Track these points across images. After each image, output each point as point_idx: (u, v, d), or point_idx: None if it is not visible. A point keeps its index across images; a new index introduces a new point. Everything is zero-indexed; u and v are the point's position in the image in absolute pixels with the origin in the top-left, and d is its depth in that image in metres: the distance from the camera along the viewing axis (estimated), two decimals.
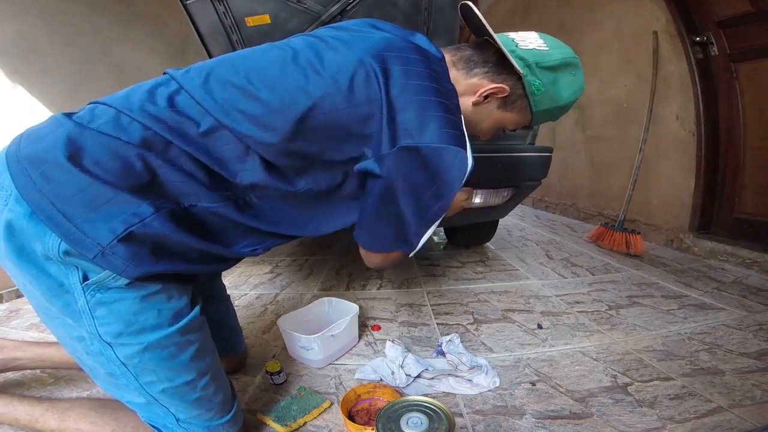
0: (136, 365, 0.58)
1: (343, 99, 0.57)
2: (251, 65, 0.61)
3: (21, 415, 0.72)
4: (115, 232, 0.51)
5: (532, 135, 1.42)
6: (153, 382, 0.60)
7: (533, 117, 0.73)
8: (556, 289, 1.52)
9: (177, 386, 0.61)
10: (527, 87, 0.67)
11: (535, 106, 0.70)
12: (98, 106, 0.58)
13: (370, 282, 1.65)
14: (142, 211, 0.52)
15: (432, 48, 0.68)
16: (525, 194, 1.49)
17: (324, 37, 0.65)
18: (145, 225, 0.52)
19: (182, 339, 0.60)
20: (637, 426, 0.76)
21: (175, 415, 0.64)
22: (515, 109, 0.72)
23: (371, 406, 0.82)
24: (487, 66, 0.68)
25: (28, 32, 1.78)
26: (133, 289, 0.56)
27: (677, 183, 2.11)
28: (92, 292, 0.54)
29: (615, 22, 2.41)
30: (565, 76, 0.69)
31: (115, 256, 0.52)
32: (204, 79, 0.59)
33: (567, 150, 3.02)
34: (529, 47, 0.67)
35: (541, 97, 0.69)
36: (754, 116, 1.79)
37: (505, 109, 0.72)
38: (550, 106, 0.71)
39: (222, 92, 0.58)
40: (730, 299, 1.38)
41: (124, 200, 0.52)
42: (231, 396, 0.69)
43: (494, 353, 1.05)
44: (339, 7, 1.56)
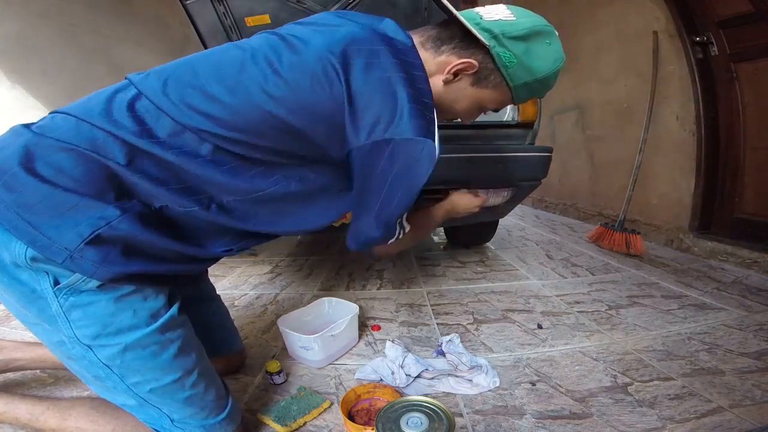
0: (119, 366, 0.58)
1: (305, 97, 0.57)
2: (210, 66, 0.61)
3: (21, 414, 0.72)
4: (82, 235, 0.51)
5: (532, 135, 1.42)
6: (139, 382, 0.60)
7: (513, 93, 0.70)
8: (556, 289, 1.52)
9: (164, 385, 0.61)
10: (497, 60, 0.64)
11: (511, 80, 0.67)
12: (58, 115, 0.58)
13: (370, 282, 1.65)
14: (108, 215, 0.53)
15: (400, 34, 0.66)
16: (525, 194, 1.49)
17: (285, 35, 0.64)
18: (112, 227, 0.53)
19: (162, 338, 0.60)
20: (637, 426, 0.76)
21: (169, 416, 0.64)
22: (490, 85, 0.68)
23: (371, 406, 0.82)
24: (453, 42, 0.66)
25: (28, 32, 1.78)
26: (106, 291, 0.56)
27: (677, 183, 2.11)
28: (65, 296, 0.54)
29: (615, 22, 2.41)
30: (538, 45, 0.66)
31: (83, 260, 0.52)
32: (163, 82, 0.59)
33: (567, 150, 3.02)
34: (494, 18, 0.64)
35: (515, 69, 0.65)
36: (754, 116, 1.79)
37: (479, 85, 0.69)
38: (528, 79, 0.67)
39: (181, 95, 0.57)
40: (730, 299, 1.38)
41: (89, 205, 0.52)
42: (224, 394, 0.69)
43: (494, 353, 1.05)
44: (339, 7, 1.56)
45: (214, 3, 1.54)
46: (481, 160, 1.29)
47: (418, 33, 0.70)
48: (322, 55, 0.58)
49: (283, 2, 1.53)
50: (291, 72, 0.58)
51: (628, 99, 2.39)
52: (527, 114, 1.36)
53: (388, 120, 0.57)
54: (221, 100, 0.57)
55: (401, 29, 0.67)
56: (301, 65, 0.58)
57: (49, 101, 1.79)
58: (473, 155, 1.28)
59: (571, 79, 2.92)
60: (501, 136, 1.38)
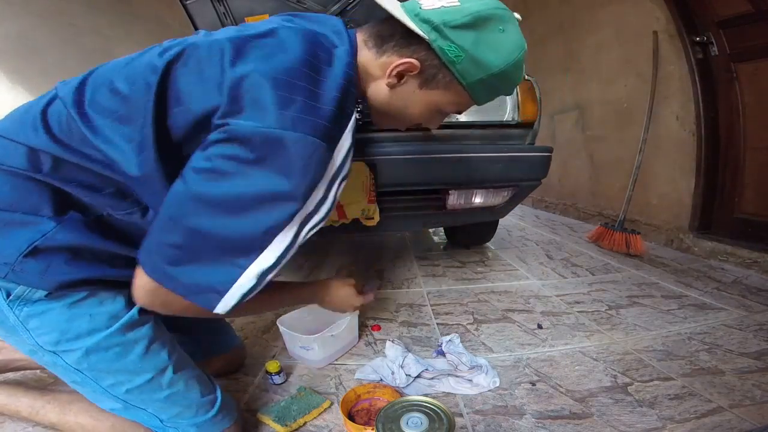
0: (88, 369, 0.58)
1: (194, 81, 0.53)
2: (126, 60, 0.59)
3: (23, 407, 0.73)
4: (20, 249, 0.51)
5: (532, 135, 1.42)
6: (114, 384, 0.60)
7: (470, 93, 0.62)
8: (556, 289, 1.52)
9: (139, 386, 0.61)
10: (441, 55, 0.57)
11: (463, 78, 0.59)
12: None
13: (370, 282, 1.65)
14: (44, 227, 0.52)
15: (338, 36, 0.59)
16: (525, 194, 1.49)
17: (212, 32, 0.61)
18: (48, 239, 0.52)
19: (124, 339, 0.59)
20: (637, 426, 0.76)
21: (157, 416, 0.64)
22: (440, 86, 0.61)
23: (371, 406, 0.82)
24: (394, 39, 0.59)
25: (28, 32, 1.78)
26: (59, 299, 0.55)
27: (677, 183, 2.11)
28: (19, 307, 0.54)
29: (615, 22, 2.41)
30: (489, 33, 0.56)
31: (25, 272, 0.52)
32: (80, 82, 0.57)
33: (567, 150, 3.02)
34: (435, 6, 0.56)
35: (465, 65, 0.57)
36: (754, 116, 1.79)
37: (427, 87, 0.61)
38: (483, 75, 0.58)
39: (93, 93, 0.55)
40: (730, 299, 1.38)
41: (23, 220, 0.52)
42: (211, 390, 0.68)
43: (494, 353, 1.05)
44: (339, 7, 1.57)
45: (214, 3, 1.55)
46: (481, 160, 1.29)
47: (363, 30, 0.64)
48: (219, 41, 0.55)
49: (283, 2, 1.53)
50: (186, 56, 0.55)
51: (628, 99, 2.39)
52: (527, 114, 1.36)
53: (266, 109, 0.49)
54: (122, 92, 0.54)
55: (346, 32, 0.61)
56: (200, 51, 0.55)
57: None
58: (473, 155, 1.28)
59: (571, 79, 2.92)
60: (501, 136, 1.38)
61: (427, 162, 1.22)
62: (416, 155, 1.22)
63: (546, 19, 3.18)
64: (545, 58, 3.24)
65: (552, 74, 3.10)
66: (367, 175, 1.16)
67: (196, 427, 0.65)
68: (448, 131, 1.35)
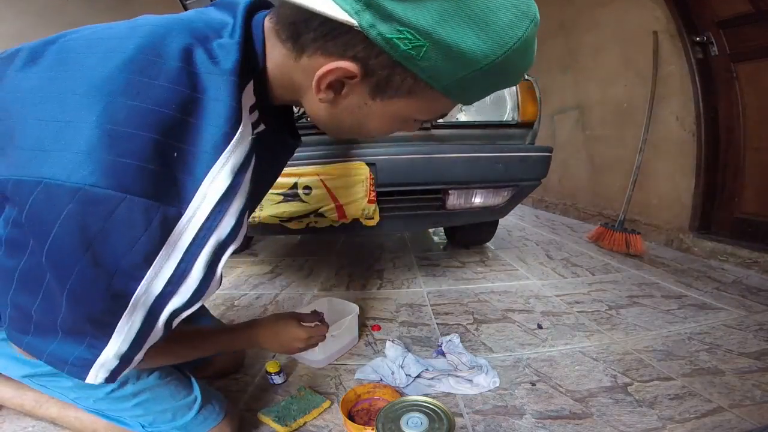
0: (50, 388, 0.57)
1: None
2: None
3: (27, 401, 0.73)
4: None
5: (532, 135, 1.42)
6: (79, 397, 0.59)
7: (449, 96, 0.41)
8: (556, 289, 1.52)
9: (103, 398, 0.58)
10: (388, 49, 0.35)
11: (434, 81, 0.38)
12: None
13: (370, 282, 1.65)
14: None
15: (220, 19, 0.42)
16: (525, 194, 1.49)
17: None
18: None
19: None
20: (637, 426, 0.76)
21: (138, 422, 0.63)
22: (401, 93, 0.40)
23: (371, 406, 0.82)
24: (311, 28, 0.38)
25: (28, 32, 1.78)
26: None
27: (677, 183, 2.11)
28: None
29: (615, 22, 2.41)
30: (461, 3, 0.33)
31: None
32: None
33: (567, 150, 3.02)
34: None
35: (432, 59, 0.36)
36: (754, 116, 1.79)
37: (382, 97, 0.41)
38: (464, 72, 0.37)
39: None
40: (730, 299, 1.38)
41: None
42: (186, 391, 0.66)
43: (494, 353, 1.05)
44: None
45: None
46: (481, 160, 1.29)
47: (272, 15, 0.43)
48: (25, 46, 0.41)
49: None
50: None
51: (628, 99, 2.39)
52: (527, 114, 1.36)
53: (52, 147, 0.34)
54: None
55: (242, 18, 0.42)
56: None
57: None
58: (473, 155, 1.28)
59: (571, 79, 2.92)
60: (501, 136, 1.38)
61: (427, 162, 1.22)
62: (416, 155, 1.22)
63: (546, 18, 3.15)
64: (545, 58, 3.24)
65: (552, 74, 3.10)
66: (367, 175, 1.16)
67: (178, 430, 0.64)
68: (447, 131, 1.35)
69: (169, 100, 0.36)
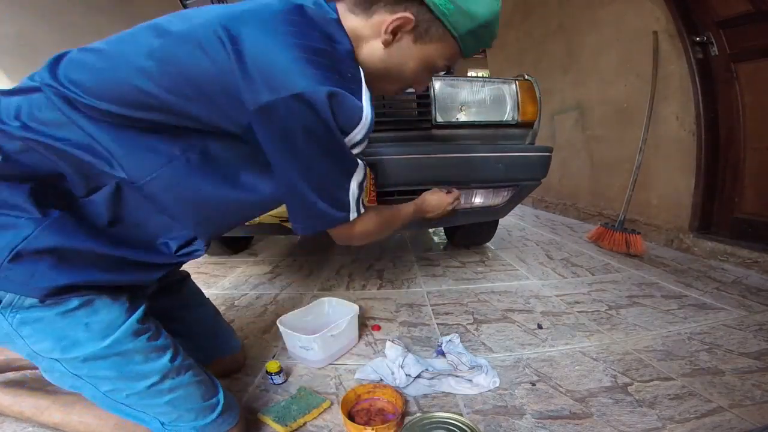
0: (87, 376, 0.58)
1: (182, 70, 0.52)
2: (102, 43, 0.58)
3: (26, 407, 0.73)
4: (2, 255, 0.50)
5: (532, 135, 1.42)
6: (113, 390, 0.59)
7: (460, 44, 0.65)
8: (556, 289, 1.52)
9: (140, 392, 0.60)
10: (433, 8, 0.60)
11: (455, 29, 0.63)
12: None
13: (370, 282, 1.65)
14: (23, 230, 0.50)
15: (319, 7, 0.62)
16: (525, 194, 1.49)
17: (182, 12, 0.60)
18: (30, 242, 0.50)
19: (123, 348, 0.58)
20: (637, 426, 0.76)
21: (158, 419, 0.63)
22: (434, 39, 0.64)
23: (371, 406, 0.83)
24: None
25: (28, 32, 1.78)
26: (49, 307, 0.54)
27: (677, 183, 2.11)
28: (11, 314, 0.53)
29: (615, 22, 2.41)
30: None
31: (8, 279, 0.51)
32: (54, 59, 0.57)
33: (567, 150, 3.02)
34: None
35: (455, 16, 0.61)
36: (754, 116, 1.79)
37: (422, 41, 0.64)
38: (472, 25, 0.62)
39: (66, 69, 0.55)
40: (730, 299, 1.38)
41: (4, 223, 0.50)
42: (214, 392, 0.68)
43: (494, 353, 1.05)
44: None
45: (214, 3, 1.54)
46: (481, 159, 1.29)
47: (344, 1, 0.64)
48: (211, 23, 0.53)
49: None
50: (177, 36, 0.53)
51: (628, 99, 2.39)
52: (527, 114, 1.36)
53: (283, 77, 0.51)
54: (92, 65, 0.54)
55: (325, 2, 0.63)
56: (188, 31, 0.54)
57: None
58: (473, 155, 1.28)
59: (571, 79, 2.93)
60: (501, 136, 1.38)
61: (427, 162, 1.23)
62: (416, 155, 1.22)
63: (546, 18, 3.18)
64: (545, 58, 3.24)
65: (552, 74, 3.10)
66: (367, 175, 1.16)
67: (196, 430, 0.65)
68: (447, 131, 1.35)
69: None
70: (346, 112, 0.55)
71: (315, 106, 0.51)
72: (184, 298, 0.89)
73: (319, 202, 0.61)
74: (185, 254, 0.65)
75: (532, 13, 3.44)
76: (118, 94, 0.52)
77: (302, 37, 0.53)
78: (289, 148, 0.55)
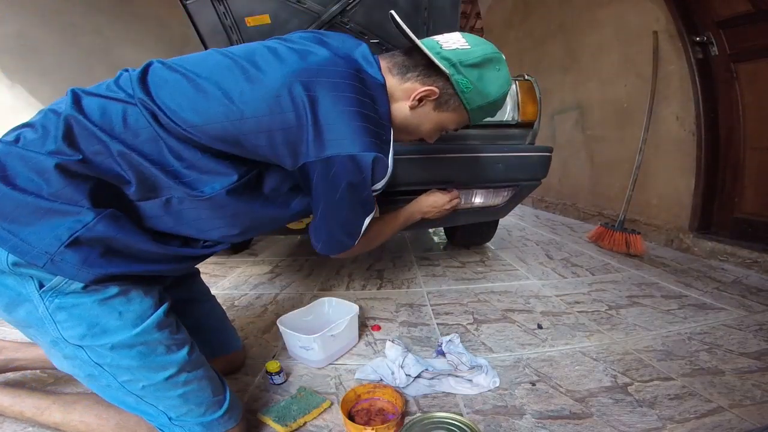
0: (109, 365, 0.60)
1: (267, 110, 0.61)
2: (190, 66, 0.65)
3: (27, 407, 0.73)
4: (61, 239, 0.53)
5: (532, 135, 1.42)
6: (131, 380, 0.61)
7: (470, 115, 0.78)
8: (556, 289, 1.52)
9: (157, 383, 0.62)
10: (456, 86, 0.72)
11: (468, 104, 0.75)
12: (25, 128, 0.59)
13: (370, 282, 1.65)
14: (84, 218, 0.54)
15: (370, 66, 0.72)
16: (525, 194, 1.49)
17: (265, 48, 0.68)
18: (89, 229, 0.54)
19: (149, 338, 0.61)
20: (637, 426, 0.76)
21: (166, 413, 0.64)
22: (450, 109, 0.76)
23: (371, 406, 0.83)
24: (417, 70, 0.73)
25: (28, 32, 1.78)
26: (90, 293, 0.57)
27: (677, 183, 2.11)
28: (50, 298, 0.56)
29: (615, 22, 2.41)
30: (489, 71, 0.73)
31: (64, 262, 0.54)
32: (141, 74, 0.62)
33: (567, 150, 3.02)
34: (452, 47, 0.71)
35: (472, 94, 0.73)
36: (754, 116, 1.79)
37: (440, 109, 0.76)
38: (482, 102, 0.75)
39: (156, 89, 0.60)
40: (730, 299, 1.38)
41: (65, 210, 0.54)
42: (221, 390, 0.70)
43: (494, 353, 1.05)
44: (339, 7, 1.56)
45: (214, 3, 1.54)
46: (481, 159, 1.29)
47: (386, 58, 0.77)
48: (291, 82, 0.61)
49: (283, 2, 1.53)
50: (261, 85, 0.61)
51: (628, 99, 2.39)
52: (527, 114, 1.36)
53: (344, 140, 0.63)
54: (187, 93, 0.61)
55: (373, 57, 0.74)
56: (271, 82, 0.62)
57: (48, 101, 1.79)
58: (473, 155, 1.28)
59: (571, 79, 2.93)
60: (501, 136, 1.38)
61: (427, 162, 1.23)
62: (416, 155, 1.22)
63: (546, 19, 3.18)
64: (545, 58, 3.24)
65: (552, 74, 3.11)
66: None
67: (202, 426, 0.66)
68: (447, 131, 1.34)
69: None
70: (380, 171, 0.67)
71: (361, 166, 0.64)
72: (193, 293, 0.92)
73: (340, 233, 0.75)
74: (211, 246, 0.72)
75: (532, 13, 3.44)
76: (211, 128, 0.60)
77: (361, 106, 0.64)
78: (332, 192, 0.66)
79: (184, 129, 0.59)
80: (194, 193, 0.62)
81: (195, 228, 0.66)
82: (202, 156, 0.61)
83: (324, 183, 0.65)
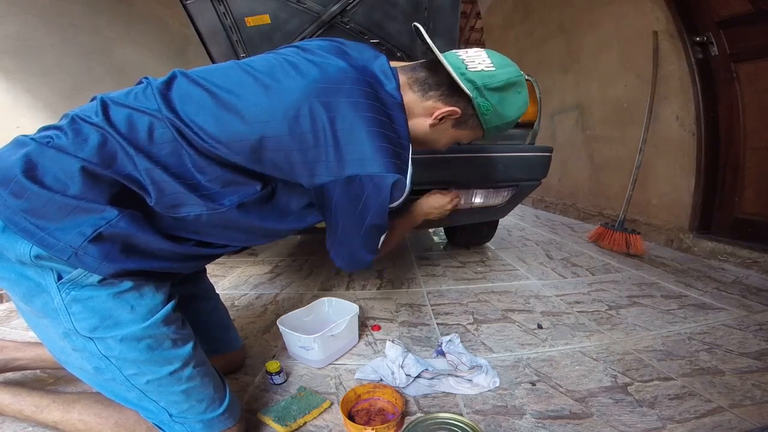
0: (116, 358, 0.61)
1: (287, 129, 0.62)
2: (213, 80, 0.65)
3: (26, 406, 0.73)
4: (85, 234, 0.55)
5: (532, 135, 1.42)
6: (136, 374, 0.62)
7: (485, 133, 0.80)
8: (556, 289, 1.52)
9: (161, 378, 0.63)
10: (477, 108, 0.73)
11: (486, 124, 0.76)
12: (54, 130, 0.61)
13: (370, 282, 1.65)
14: (108, 215, 0.56)
15: (389, 81, 0.72)
16: (525, 194, 1.49)
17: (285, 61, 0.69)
18: (112, 226, 0.56)
19: (157, 332, 0.63)
20: (637, 426, 0.76)
21: (167, 410, 0.65)
22: (468, 127, 0.78)
23: (371, 406, 0.83)
24: (440, 89, 0.73)
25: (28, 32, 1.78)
26: (106, 287, 0.60)
27: (677, 183, 2.11)
28: (67, 290, 0.58)
29: (615, 22, 2.41)
30: (511, 95, 0.74)
31: (87, 256, 0.56)
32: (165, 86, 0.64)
33: (567, 150, 3.02)
34: (477, 69, 0.71)
35: (491, 116, 0.74)
36: (754, 116, 1.79)
37: (458, 127, 0.78)
38: (499, 123, 0.77)
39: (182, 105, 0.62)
40: (730, 299, 1.38)
41: (90, 208, 0.56)
42: (222, 388, 0.71)
43: (494, 353, 1.05)
44: (339, 7, 1.57)
45: (214, 3, 1.54)
46: (481, 159, 1.29)
47: (407, 73, 0.76)
48: (310, 98, 0.63)
49: (283, 2, 1.53)
50: (280, 112, 0.62)
51: (628, 99, 2.39)
52: (527, 114, 1.36)
53: (365, 160, 0.63)
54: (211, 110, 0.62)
55: (392, 72, 0.74)
56: (291, 97, 0.63)
57: (48, 101, 1.79)
58: (473, 155, 1.28)
59: (571, 79, 2.93)
60: (501, 136, 1.38)
61: (427, 162, 1.23)
62: (416, 155, 1.22)
63: (546, 19, 3.18)
64: (545, 58, 3.24)
65: (552, 74, 3.11)
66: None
67: (203, 423, 0.67)
68: None
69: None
70: (399, 191, 0.67)
71: (381, 187, 0.64)
72: (199, 290, 0.93)
73: (360, 251, 0.76)
74: (224, 246, 0.73)
75: (532, 13, 3.44)
76: (234, 145, 0.61)
77: (380, 126, 0.65)
78: (352, 211, 0.67)
79: (209, 145, 0.60)
80: (214, 206, 0.63)
81: (212, 236, 0.68)
82: (223, 170, 0.63)
83: (344, 202, 0.66)
